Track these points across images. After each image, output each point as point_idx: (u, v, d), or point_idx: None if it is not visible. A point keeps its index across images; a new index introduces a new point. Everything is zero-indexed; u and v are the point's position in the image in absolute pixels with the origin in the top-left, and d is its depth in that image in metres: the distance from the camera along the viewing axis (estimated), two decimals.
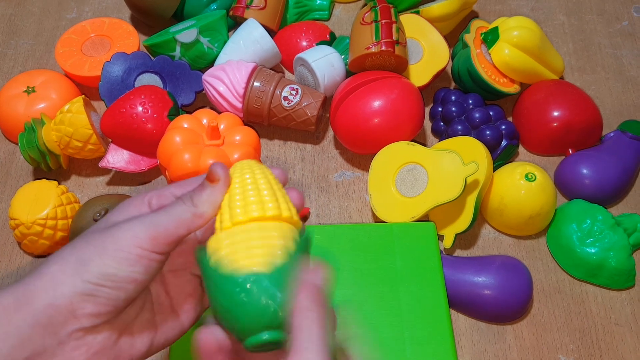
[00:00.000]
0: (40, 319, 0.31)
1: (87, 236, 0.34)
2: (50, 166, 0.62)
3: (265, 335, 0.31)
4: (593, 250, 0.54)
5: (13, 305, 0.31)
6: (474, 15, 0.76)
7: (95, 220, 0.54)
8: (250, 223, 0.33)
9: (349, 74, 0.65)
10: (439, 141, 0.63)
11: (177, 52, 0.67)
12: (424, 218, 0.57)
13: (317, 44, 0.69)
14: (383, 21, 0.61)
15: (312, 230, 0.55)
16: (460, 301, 0.53)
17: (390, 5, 0.63)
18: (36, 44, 0.76)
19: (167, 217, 0.34)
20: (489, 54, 0.64)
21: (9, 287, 0.32)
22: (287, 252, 0.32)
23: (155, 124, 0.59)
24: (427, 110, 0.67)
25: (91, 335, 0.32)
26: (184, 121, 0.57)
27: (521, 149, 0.65)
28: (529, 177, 0.55)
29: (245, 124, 0.61)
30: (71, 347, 0.32)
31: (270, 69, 0.67)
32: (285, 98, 0.62)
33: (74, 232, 0.55)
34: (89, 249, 0.33)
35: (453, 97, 0.64)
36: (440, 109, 0.65)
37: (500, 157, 0.61)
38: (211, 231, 0.38)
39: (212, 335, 0.33)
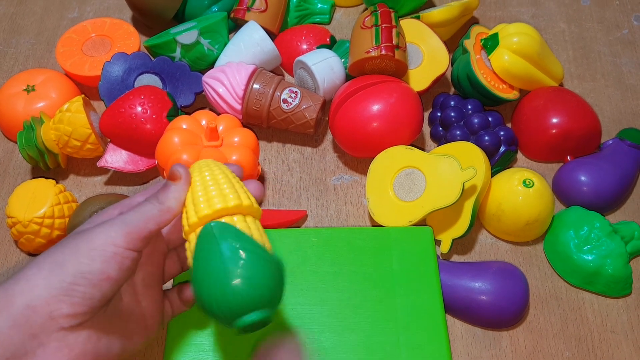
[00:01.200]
0: (18, 321, 0.32)
1: (61, 242, 0.35)
2: (48, 165, 0.62)
3: (263, 314, 0.33)
4: (590, 258, 0.54)
5: None
6: (474, 21, 0.76)
7: None
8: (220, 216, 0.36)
9: (348, 77, 0.66)
10: (438, 146, 0.63)
11: (178, 53, 0.67)
12: (421, 223, 0.57)
13: (317, 47, 0.69)
14: (383, 25, 0.61)
15: (309, 232, 0.55)
16: (457, 306, 0.53)
17: (391, 10, 0.63)
18: (37, 43, 0.76)
19: (137, 215, 0.36)
20: (489, 60, 0.64)
21: None
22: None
23: (154, 125, 0.59)
24: (426, 115, 0.67)
25: (72, 337, 0.33)
26: (182, 122, 0.57)
27: (519, 155, 0.65)
28: (527, 183, 0.55)
29: (244, 126, 0.61)
30: (52, 349, 0.32)
31: (270, 71, 0.67)
32: (285, 100, 0.62)
33: (71, 231, 0.55)
34: (63, 251, 0.34)
35: (452, 103, 0.64)
36: (439, 114, 0.65)
37: (499, 163, 0.61)
38: (177, 231, 0.42)
39: None
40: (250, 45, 0.66)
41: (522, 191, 0.55)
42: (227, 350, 0.48)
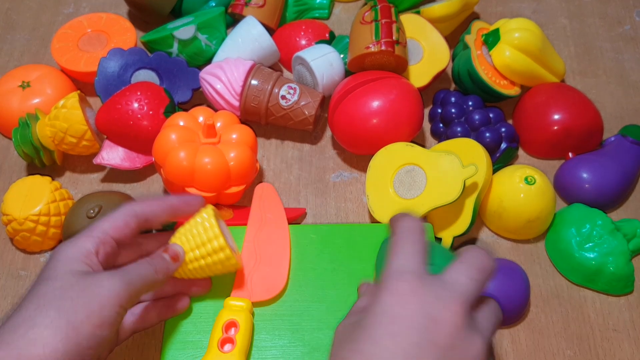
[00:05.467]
0: None
1: (69, 290, 0.35)
2: (44, 162, 0.61)
3: None
4: (592, 255, 0.53)
5: None
6: (475, 17, 0.76)
7: (89, 217, 0.53)
8: None
9: (348, 73, 0.65)
10: (438, 143, 0.62)
11: (175, 48, 0.66)
12: (422, 220, 0.57)
13: (316, 43, 0.68)
14: (383, 21, 0.60)
15: (308, 229, 0.54)
16: None
17: (391, 5, 0.62)
18: (32, 38, 0.76)
19: (136, 275, 0.38)
20: (490, 56, 0.63)
21: None
22: None
23: (151, 121, 0.59)
24: (427, 111, 0.66)
25: None
26: (180, 119, 0.56)
27: (521, 152, 0.64)
28: (529, 180, 0.54)
29: (243, 123, 0.60)
30: None
31: (269, 67, 0.67)
32: (283, 97, 0.61)
33: (67, 228, 0.55)
34: (76, 309, 0.34)
35: (453, 99, 0.64)
36: (439, 111, 0.64)
37: (500, 160, 0.60)
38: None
39: None
40: (248, 40, 0.66)
41: (523, 188, 0.54)
42: None
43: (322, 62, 0.63)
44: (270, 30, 0.72)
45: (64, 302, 0.34)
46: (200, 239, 0.45)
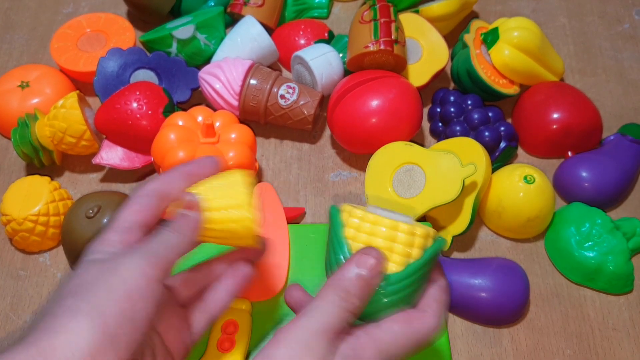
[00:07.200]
0: None
1: (83, 276, 0.32)
2: (43, 162, 0.61)
3: None
4: (591, 254, 0.53)
5: None
6: (474, 16, 0.75)
7: (88, 218, 0.53)
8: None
9: (346, 72, 0.65)
10: (437, 142, 0.62)
11: (174, 48, 0.66)
12: (421, 219, 0.57)
13: (315, 42, 0.68)
14: (382, 20, 0.60)
15: (307, 229, 0.54)
16: (457, 303, 0.53)
17: (390, 4, 0.62)
18: (31, 38, 0.75)
19: (158, 244, 0.34)
20: (489, 55, 0.63)
21: (18, 348, 0.29)
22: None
23: (150, 121, 0.59)
24: (426, 110, 0.66)
25: None
26: (179, 118, 0.56)
27: (520, 151, 0.64)
28: (528, 179, 0.54)
29: (242, 122, 0.60)
30: None
31: (268, 66, 0.67)
32: (282, 96, 0.61)
33: (66, 228, 0.55)
34: (96, 292, 0.31)
35: (452, 98, 0.63)
36: (438, 110, 0.64)
37: (499, 159, 0.60)
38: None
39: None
40: (247, 40, 0.66)
41: (522, 187, 0.54)
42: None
43: (321, 61, 0.63)
44: (269, 30, 0.71)
45: (85, 287, 0.31)
46: (221, 191, 0.37)
